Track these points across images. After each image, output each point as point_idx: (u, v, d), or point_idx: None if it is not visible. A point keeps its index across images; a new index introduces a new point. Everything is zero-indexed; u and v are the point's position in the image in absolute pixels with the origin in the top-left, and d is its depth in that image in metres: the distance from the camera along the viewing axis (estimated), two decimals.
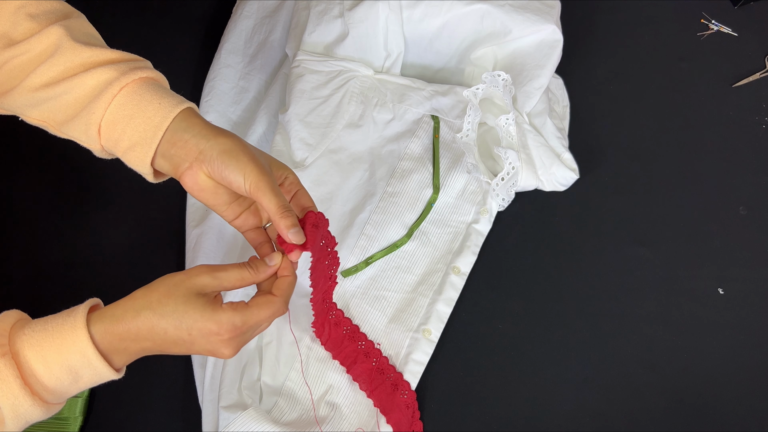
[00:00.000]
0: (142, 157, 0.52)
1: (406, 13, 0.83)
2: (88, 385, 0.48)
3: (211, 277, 0.48)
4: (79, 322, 0.46)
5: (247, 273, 0.50)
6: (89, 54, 0.52)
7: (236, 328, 0.48)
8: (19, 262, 0.79)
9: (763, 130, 0.92)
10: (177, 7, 0.98)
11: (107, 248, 0.81)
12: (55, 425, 0.69)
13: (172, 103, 0.51)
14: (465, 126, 0.80)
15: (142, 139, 0.51)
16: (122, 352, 0.48)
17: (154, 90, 0.52)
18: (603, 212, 0.85)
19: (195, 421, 0.70)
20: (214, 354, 0.49)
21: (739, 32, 0.99)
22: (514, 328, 0.77)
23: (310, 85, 0.84)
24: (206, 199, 0.53)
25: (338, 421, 0.70)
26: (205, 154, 0.50)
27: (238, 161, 0.49)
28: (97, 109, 0.51)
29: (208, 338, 0.48)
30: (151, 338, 0.47)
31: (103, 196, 0.84)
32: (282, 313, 0.50)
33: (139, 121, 0.51)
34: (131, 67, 0.52)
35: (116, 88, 0.51)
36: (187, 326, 0.47)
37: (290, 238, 0.50)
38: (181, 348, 0.48)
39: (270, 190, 0.49)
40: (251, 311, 0.49)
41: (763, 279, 0.81)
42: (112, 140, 0.52)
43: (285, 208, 0.50)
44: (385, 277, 0.77)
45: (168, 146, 0.51)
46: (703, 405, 0.74)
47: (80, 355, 0.46)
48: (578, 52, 0.95)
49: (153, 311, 0.47)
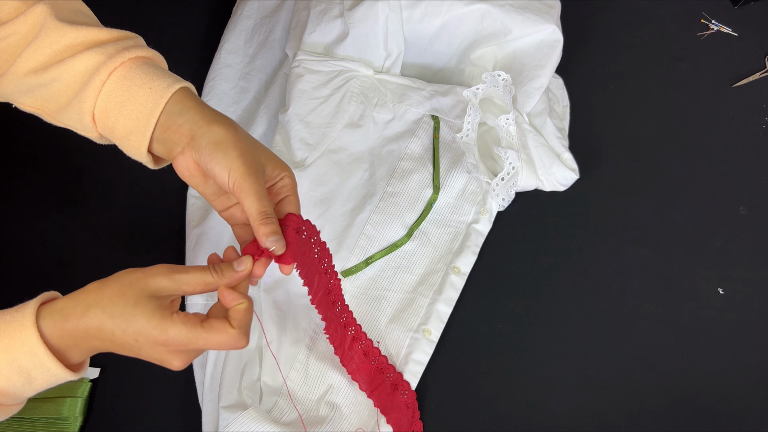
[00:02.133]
0: (138, 146, 0.50)
1: (406, 13, 0.83)
2: (44, 387, 0.45)
3: (169, 279, 0.45)
4: (27, 319, 0.43)
5: (210, 277, 0.46)
6: (75, 34, 0.49)
7: (182, 345, 0.44)
8: (18, 262, 0.79)
9: (763, 130, 0.92)
10: (176, 7, 0.98)
11: (107, 248, 0.81)
12: (55, 425, 0.69)
13: (163, 86, 0.49)
14: (465, 126, 0.80)
15: (135, 127, 0.49)
16: (74, 348, 0.45)
17: (145, 72, 0.49)
18: (603, 212, 0.85)
19: (195, 421, 0.70)
20: (162, 363, 0.46)
21: (739, 32, 0.99)
22: (514, 328, 0.77)
23: (310, 85, 0.84)
24: (196, 185, 0.51)
25: (338, 421, 0.70)
26: (196, 141, 0.47)
27: (226, 156, 0.47)
28: (88, 97, 0.49)
29: (154, 347, 0.44)
30: (100, 337, 0.44)
31: (103, 196, 0.84)
32: (239, 345, 0.46)
33: (132, 108, 0.48)
34: (120, 48, 0.49)
35: (104, 73, 0.48)
36: (133, 331, 0.43)
37: (269, 245, 0.47)
38: (129, 351, 0.45)
39: (252, 194, 0.46)
40: (200, 334, 0.44)
41: (763, 279, 0.81)
42: (107, 128, 0.50)
43: (265, 215, 0.46)
44: (385, 277, 0.77)
45: (162, 131, 0.49)
46: (703, 405, 0.74)
47: (30, 354, 0.43)
48: (578, 52, 0.95)
49: (103, 309, 0.43)
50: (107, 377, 0.73)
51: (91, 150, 0.85)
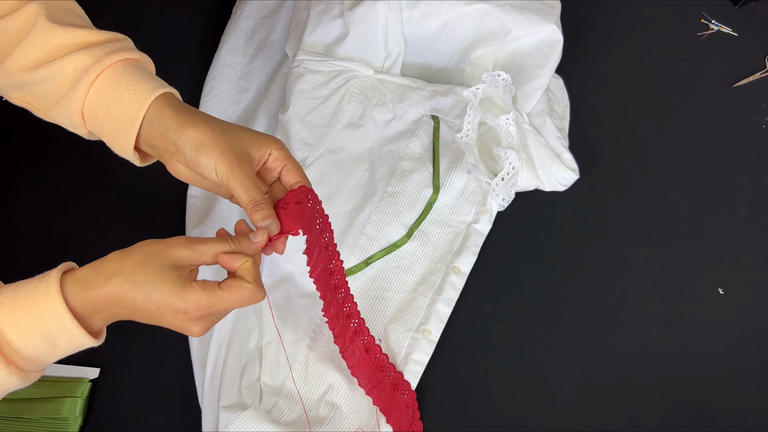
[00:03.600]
0: (124, 145, 0.51)
1: (406, 13, 0.83)
2: (66, 352, 0.46)
3: (189, 250, 0.46)
4: (52, 287, 0.44)
5: (228, 247, 0.48)
6: (65, 35, 0.51)
7: (203, 309, 0.46)
8: (17, 262, 0.79)
9: (763, 130, 0.92)
10: (177, 7, 0.98)
11: (107, 248, 0.81)
12: (55, 425, 0.69)
13: (147, 90, 0.50)
14: (465, 126, 0.80)
15: (122, 127, 0.50)
16: (96, 316, 0.46)
17: (131, 74, 0.51)
18: (603, 212, 0.85)
19: (195, 421, 0.70)
20: (182, 330, 0.48)
21: (739, 32, 0.99)
22: (514, 328, 0.77)
23: (310, 85, 0.84)
24: (195, 183, 0.53)
25: (338, 421, 0.70)
26: (179, 150, 0.50)
27: (208, 158, 0.49)
28: (77, 97, 0.51)
29: (176, 315, 0.46)
30: (121, 305, 0.45)
31: (103, 196, 0.84)
32: (256, 299, 0.48)
33: (118, 109, 0.50)
34: (108, 51, 0.51)
35: (93, 75, 0.50)
36: (155, 299, 0.45)
37: (263, 228, 0.49)
38: (150, 319, 0.47)
39: (239, 186, 0.48)
40: (221, 295, 0.46)
41: (763, 279, 0.81)
42: (96, 126, 0.52)
43: (254, 202, 0.49)
44: (385, 277, 0.77)
45: (149, 138, 0.51)
46: (703, 405, 0.74)
47: (56, 321, 0.44)
48: (578, 52, 0.95)
49: (125, 278, 0.45)
50: (107, 377, 0.73)
51: (91, 150, 0.86)
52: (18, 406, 0.70)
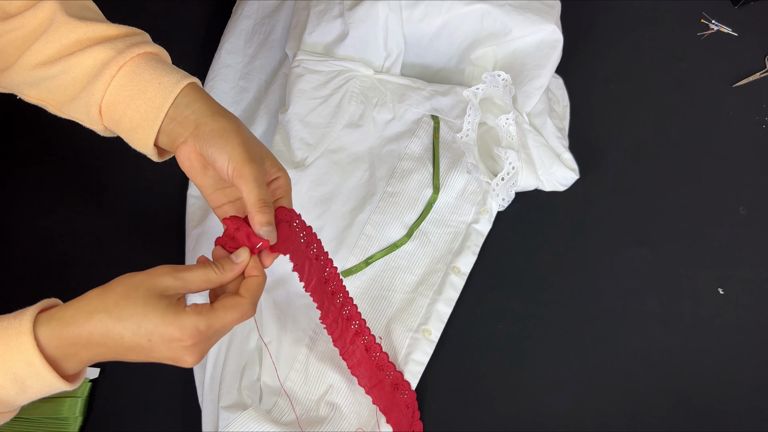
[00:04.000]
0: (145, 139, 0.50)
1: (406, 13, 0.83)
2: (38, 395, 0.44)
3: (174, 278, 0.44)
4: (24, 326, 0.42)
5: (213, 273, 0.46)
6: (84, 30, 0.50)
7: (201, 333, 0.44)
8: (17, 262, 0.79)
9: (763, 130, 0.92)
10: (177, 7, 0.98)
11: (107, 248, 0.81)
12: (54, 425, 0.69)
13: (172, 82, 0.50)
14: (465, 126, 0.80)
15: (143, 120, 0.50)
16: (73, 358, 0.43)
17: (154, 68, 0.50)
18: (603, 212, 0.85)
19: (195, 421, 0.70)
20: (175, 362, 0.45)
21: (739, 32, 0.99)
22: (514, 328, 0.77)
23: (310, 85, 0.84)
24: (194, 177, 0.51)
25: (338, 421, 0.70)
26: (199, 129, 0.49)
27: (227, 142, 0.47)
28: (96, 90, 0.50)
29: (170, 345, 0.43)
30: (105, 344, 0.43)
31: (103, 196, 0.84)
32: (250, 316, 0.46)
33: (140, 102, 0.49)
34: (128, 44, 0.51)
35: (114, 68, 0.49)
36: (146, 331, 0.42)
37: (262, 234, 0.47)
38: (138, 355, 0.44)
39: (252, 180, 0.47)
40: (217, 315, 0.44)
41: (763, 279, 0.81)
42: (113, 121, 0.51)
43: (265, 203, 0.47)
44: (385, 277, 0.77)
45: (168, 121, 0.50)
46: (703, 405, 0.74)
47: (25, 363, 0.42)
48: (578, 52, 0.94)
49: (108, 314, 0.42)
50: (107, 377, 0.73)
51: (91, 150, 0.86)
52: None
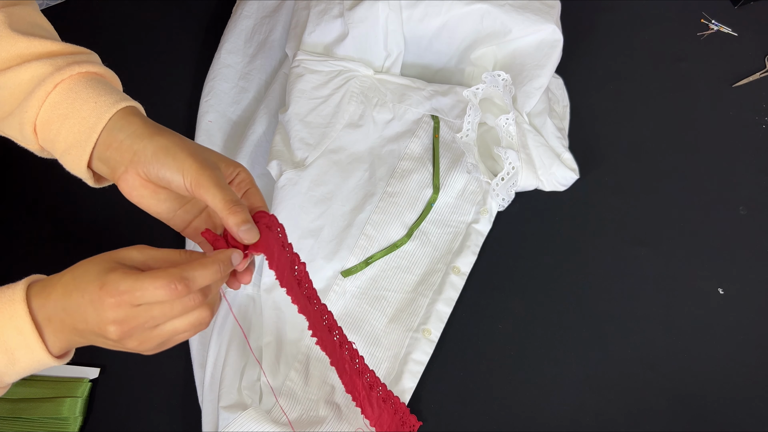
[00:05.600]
0: (77, 161, 0.48)
1: (406, 13, 0.83)
2: (26, 371, 0.44)
3: (139, 252, 0.43)
4: (18, 294, 0.42)
5: (178, 255, 0.43)
6: (26, 44, 0.48)
7: (121, 294, 0.40)
8: (18, 263, 0.79)
9: (763, 130, 0.92)
10: (177, 7, 0.98)
11: (107, 248, 0.81)
12: (54, 425, 0.69)
13: (108, 102, 0.47)
14: (465, 126, 0.80)
15: (76, 141, 0.47)
16: (48, 325, 0.43)
17: (92, 87, 0.48)
18: (603, 212, 0.85)
19: (195, 421, 0.70)
20: (101, 331, 0.42)
21: (739, 32, 0.99)
22: (514, 328, 0.77)
23: (310, 85, 0.84)
24: (148, 206, 0.48)
25: (338, 421, 0.70)
26: (139, 155, 0.45)
27: (175, 158, 0.45)
28: (30, 107, 0.48)
29: (94, 303, 0.41)
30: (63, 306, 0.42)
31: (103, 196, 0.84)
32: (180, 292, 0.41)
33: (74, 121, 0.47)
34: (69, 62, 0.48)
35: (50, 84, 0.47)
36: (83, 287, 0.41)
37: (242, 236, 0.44)
38: (79, 321, 0.42)
39: (213, 185, 0.44)
40: (140, 279, 0.40)
41: (763, 279, 0.81)
42: (48, 141, 0.49)
43: (233, 202, 0.44)
44: (385, 277, 0.77)
45: (103, 148, 0.47)
46: (703, 405, 0.74)
47: (17, 331, 0.42)
48: (578, 52, 0.95)
49: (71, 274, 0.42)
50: (107, 377, 0.73)
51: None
52: (18, 406, 0.70)
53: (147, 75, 0.93)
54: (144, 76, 0.92)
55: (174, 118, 0.90)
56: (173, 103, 0.91)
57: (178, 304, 0.42)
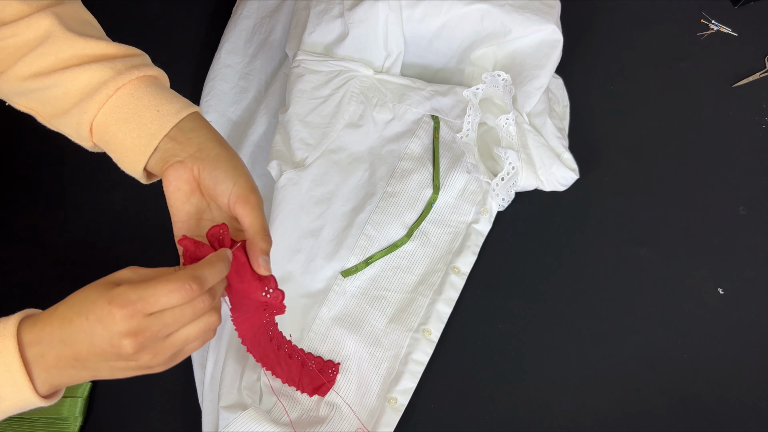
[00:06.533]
0: (135, 163, 0.50)
1: (406, 12, 0.83)
2: (12, 409, 0.44)
3: (132, 272, 0.43)
4: (8, 330, 0.42)
5: (170, 269, 0.44)
6: (83, 45, 0.49)
7: (132, 304, 0.40)
8: (18, 263, 0.79)
9: (763, 130, 0.92)
10: (177, 7, 0.98)
11: (107, 249, 0.81)
12: (55, 425, 0.69)
13: (171, 111, 0.49)
14: (465, 126, 0.80)
15: (135, 145, 0.49)
16: (43, 360, 0.42)
17: (153, 93, 0.50)
18: (603, 212, 0.85)
19: (195, 421, 0.70)
20: (113, 348, 0.41)
21: (739, 32, 0.99)
22: (514, 328, 0.77)
23: (310, 85, 0.84)
24: (175, 200, 0.50)
25: (338, 421, 0.70)
26: (203, 152, 0.48)
27: (235, 168, 0.48)
28: (90, 108, 0.49)
29: (104, 322, 0.40)
30: (61, 336, 0.42)
31: (103, 197, 0.84)
32: (193, 293, 0.41)
33: (134, 126, 0.49)
34: (128, 66, 0.50)
35: (112, 88, 0.49)
36: (86, 310, 0.41)
37: (260, 264, 0.47)
38: (83, 346, 0.41)
39: (258, 208, 0.48)
40: (151, 285, 0.41)
41: (763, 279, 0.81)
42: (103, 140, 0.50)
43: (267, 231, 0.48)
44: (385, 277, 0.77)
45: (167, 140, 0.49)
46: (703, 405, 0.74)
47: (4, 368, 0.41)
48: (578, 52, 0.95)
49: (66, 304, 0.42)
50: None
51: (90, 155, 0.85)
52: None
53: None
54: None
55: None
56: None
57: (189, 309, 0.42)
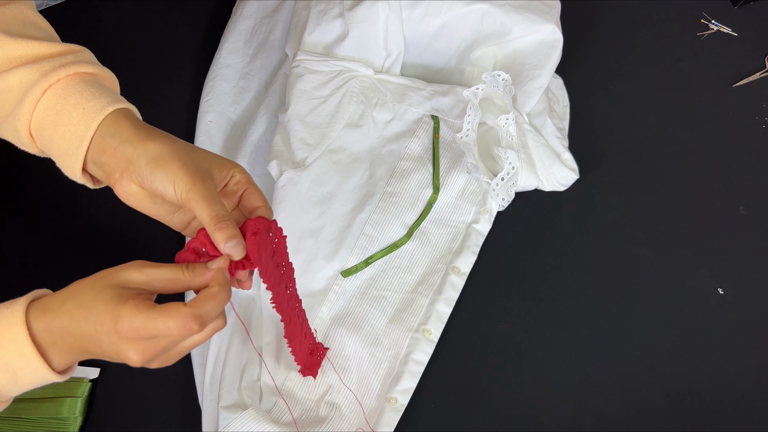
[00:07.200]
0: (71, 167, 0.48)
1: (406, 12, 0.84)
2: (29, 386, 0.44)
3: (139, 273, 0.44)
4: (17, 316, 0.42)
5: (181, 274, 0.44)
6: (13, 48, 0.47)
7: (136, 330, 0.41)
8: (19, 264, 0.79)
9: (763, 130, 0.92)
10: (177, 7, 0.98)
11: (107, 249, 0.81)
12: (54, 425, 0.69)
13: (96, 108, 0.46)
14: (465, 126, 0.80)
15: (68, 148, 0.47)
16: (53, 347, 0.43)
17: (81, 91, 0.47)
18: (603, 212, 0.85)
19: (195, 421, 0.70)
20: (120, 358, 0.43)
21: (739, 32, 0.99)
22: (514, 328, 0.77)
23: (310, 85, 0.84)
24: (146, 209, 0.49)
25: (338, 421, 0.70)
26: (133, 164, 0.46)
27: (167, 170, 0.45)
28: (22, 115, 0.47)
29: (110, 336, 0.42)
30: (71, 332, 0.43)
31: (102, 197, 0.84)
32: (194, 330, 0.42)
33: (65, 128, 0.47)
34: (56, 65, 0.47)
35: (38, 91, 0.47)
36: (93, 319, 0.42)
37: (229, 252, 0.45)
38: (93, 345, 0.43)
39: (201, 200, 0.44)
40: (150, 315, 0.42)
41: (763, 279, 0.81)
42: (44, 146, 0.49)
43: (219, 218, 0.44)
44: (385, 277, 0.77)
45: (98, 153, 0.47)
46: (703, 405, 0.74)
47: (18, 353, 0.42)
48: (578, 52, 0.95)
49: (74, 300, 0.43)
50: (107, 377, 0.73)
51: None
52: (18, 406, 0.70)
53: (147, 75, 0.93)
54: (144, 76, 0.92)
55: (174, 118, 0.90)
56: (173, 103, 0.91)
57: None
